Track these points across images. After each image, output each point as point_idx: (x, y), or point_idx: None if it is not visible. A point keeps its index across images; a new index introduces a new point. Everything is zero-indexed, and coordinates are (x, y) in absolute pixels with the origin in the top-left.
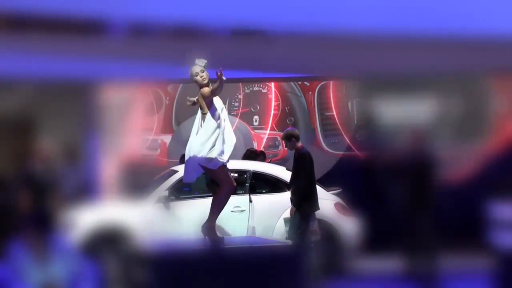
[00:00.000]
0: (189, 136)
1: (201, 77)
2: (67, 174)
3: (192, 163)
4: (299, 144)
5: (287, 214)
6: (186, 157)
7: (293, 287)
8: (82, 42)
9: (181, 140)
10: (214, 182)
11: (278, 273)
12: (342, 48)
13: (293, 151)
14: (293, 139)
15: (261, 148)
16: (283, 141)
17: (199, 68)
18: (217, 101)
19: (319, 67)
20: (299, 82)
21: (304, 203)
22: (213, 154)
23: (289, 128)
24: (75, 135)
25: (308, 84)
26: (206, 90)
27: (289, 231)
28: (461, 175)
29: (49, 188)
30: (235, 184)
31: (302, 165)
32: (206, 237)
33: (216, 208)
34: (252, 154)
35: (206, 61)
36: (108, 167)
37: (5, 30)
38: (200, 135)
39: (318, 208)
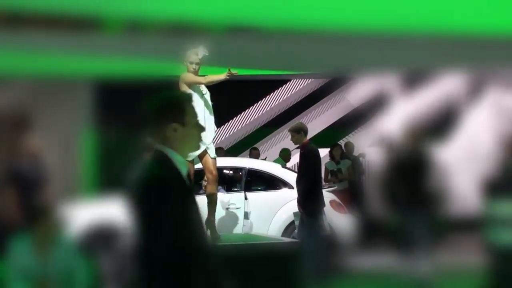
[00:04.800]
0: None
1: (193, 68)
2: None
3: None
4: (306, 139)
5: (284, 211)
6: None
7: (288, 284)
8: (79, 39)
9: None
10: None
11: (274, 270)
12: (339, 45)
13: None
14: (302, 132)
15: None
16: (291, 134)
17: (196, 59)
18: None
19: (315, 64)
20: None
21: (308, 203)
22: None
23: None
24: (70, 132)
25: None
26: (192, 78)
27: (299, 229)
28: None
29: (42, 184)
30: None
31: (306, 161)
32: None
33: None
34: None
35: (206, 54)
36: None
37: (2, 27)
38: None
39: (323, 205)
